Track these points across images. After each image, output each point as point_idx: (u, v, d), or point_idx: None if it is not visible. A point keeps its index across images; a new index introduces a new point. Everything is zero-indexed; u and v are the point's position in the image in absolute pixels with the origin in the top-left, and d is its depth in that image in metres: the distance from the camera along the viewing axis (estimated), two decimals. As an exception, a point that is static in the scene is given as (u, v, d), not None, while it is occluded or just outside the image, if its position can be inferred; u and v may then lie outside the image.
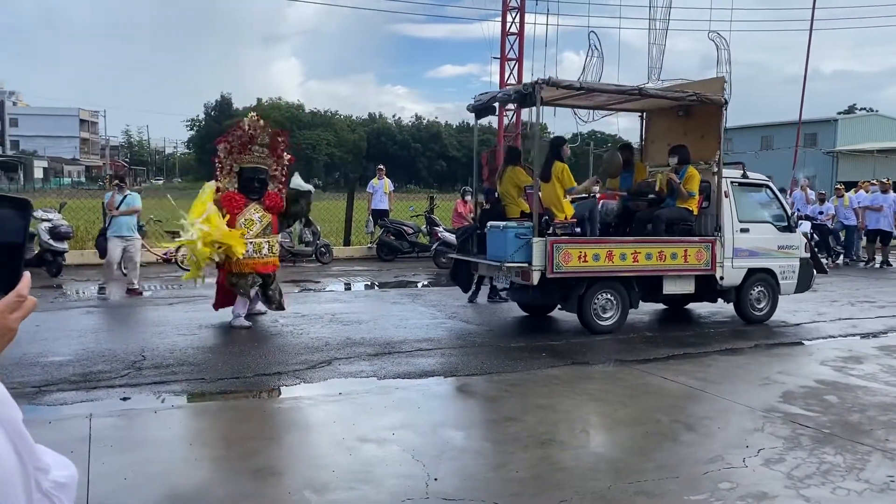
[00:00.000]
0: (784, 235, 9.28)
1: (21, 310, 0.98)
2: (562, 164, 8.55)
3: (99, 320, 8.89)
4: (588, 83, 8.81)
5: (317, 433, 4.97)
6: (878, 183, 18.25)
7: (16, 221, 0.98)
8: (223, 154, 8.31)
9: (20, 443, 0.90)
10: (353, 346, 7.31)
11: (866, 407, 5.53)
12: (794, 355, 7.44)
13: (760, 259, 9.09)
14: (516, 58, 21.04)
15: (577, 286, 8.11)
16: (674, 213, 8.72)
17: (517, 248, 7.89)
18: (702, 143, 9.23)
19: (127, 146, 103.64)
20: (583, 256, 7.97)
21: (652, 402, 5.70)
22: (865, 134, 47.98)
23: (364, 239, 17.60)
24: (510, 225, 8.27)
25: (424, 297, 11.01)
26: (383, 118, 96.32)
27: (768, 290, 9.19)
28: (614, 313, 8.30)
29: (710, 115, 9.09)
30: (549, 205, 8.41)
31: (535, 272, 7.80)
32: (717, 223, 8.74)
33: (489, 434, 5.04)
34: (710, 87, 9.06)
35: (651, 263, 8.30)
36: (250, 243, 8.06)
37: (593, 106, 10.22)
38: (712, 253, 8.56)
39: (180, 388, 5.83)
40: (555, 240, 7.94)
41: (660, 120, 10.31)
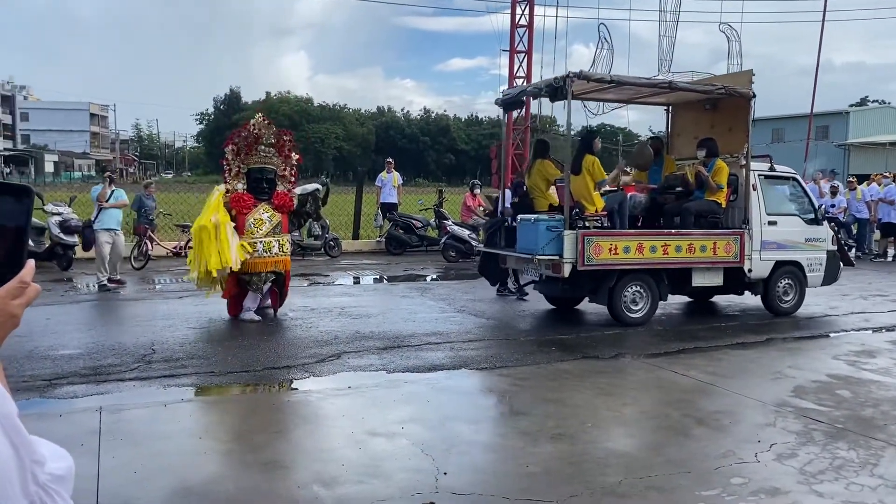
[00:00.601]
0: (811, 228, 9.32)
1: (24, 296, 0.97)
2: (592, 157, 8.61)
3: (109, 313, 8.92)
4: (619, 77, 8.83)
5: (326, 427, 4.96)
6: (892, 175, 18.09)
7: (17, 205, 0.97)
8: (230, 156, 8.34)
9: (16, 437, 0.89)
10: (362, 340, 7.30)
11: (880, 401, 5.48)
12: (806, 349, 7.38)
13: (788, 251, 9.12)
14: (525, 50, 20.93)
15: (607, 279, 8.17)
16: (702, 205, 8.75)
17: (548, 240, 7.95)
18: (729, 136, 9.27)
19: (137, 140, 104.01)
20: (613, 249, 8.02)
21: (662, 396, 5.67)
22: (878, 126, 47.54)
23: (373, 233, 17.60)
24: (541, 218, 8.35)
25: (433, 290, 11.00)
26: (392, 112, 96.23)
27: (795, 283, 9.23)
28: (644, 305, 8.36)
29: (738, 109, 9.14)
30: (580, 197, 8.44)
31: (566, 265, 7.86)
32: (745, 216, 8.77)
33: (499, 428, 5.02)
34: (739, 80, 9.12)
35: (681, 256, 8.35)
36: (260, 242, 8.11)
37: (620, 99, 10.26)
38: (741, 245, 8.60)
39: (190, 381, 5.83)
40: (586, 232, 7.99)
41: (686, 113, 10.35)
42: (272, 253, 8.22)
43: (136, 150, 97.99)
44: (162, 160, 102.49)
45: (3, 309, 0.95)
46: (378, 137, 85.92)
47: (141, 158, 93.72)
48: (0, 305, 0.95)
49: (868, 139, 43.64)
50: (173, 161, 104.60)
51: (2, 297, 0.95)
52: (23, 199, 0.97)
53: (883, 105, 58.39)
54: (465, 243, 15.02)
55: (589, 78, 8.31)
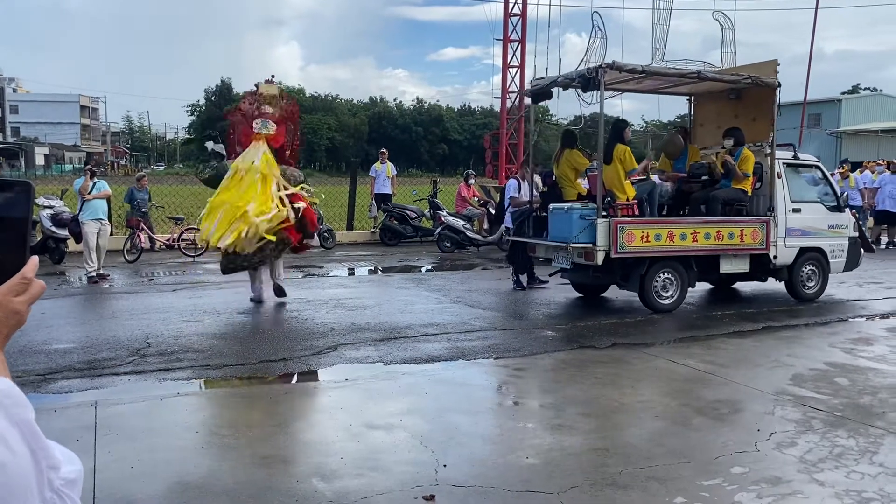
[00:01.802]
0: (834, 215, 9.51)
1: (27, 293, 0.95)
2: (623, 147, 8.72)
3: (103, 307, 8.85)
4: (649, 67, 8.92)
5: (324, 420, 4.94)
6: (885, 163, 18.12)
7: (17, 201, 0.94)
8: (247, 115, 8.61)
9: (34, 442, 0.88)
10: (359, 332, 7.26)
11: (878, 389, 5.48)
12: (803, 337, 7.38)
13: (811, 238, 9.31)
14: (519, 39, 20.84)
15: (638, 266, 8.33)
16: (729, 193, 8.89)
17: (582, 229, 8.11)
18: (754, 125, 9.42)
19: (128, 132, 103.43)
20: (645, 237, 8.19)
21: (661, 385, 5.67)
22: (869, 114, 47.62)
23: (367, 223, 17.54)
24: (575, 206, 8.49)
25: (429, 281, 10.96)
26: (384, 102, 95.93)
27: (818, 269, 9.42)
28: (674, 292, 8.52)
29: (763, 98, 9.28)
30: (611, 186, 8.57)
31: (599, 252, 8.01)
32: (771, 203, 8.94)
33: (498, 419, 5.00)
34: (764, 69, 9.21)
35: (709, 243, 8.51)
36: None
37: (645, 89, 10.31)
38: (767, 232, 8.79)
39: (185, 375, 5.79)
40: (619, 221, 8.13)
41: (708, 103, 10.48)
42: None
43: (127, 143, 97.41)
44: (154, 152, 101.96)
45: (6, 306, 0.93)
46: (370, 128, 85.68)
47: (132, 151, 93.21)
48: (2, 302, 0.92)
49: (860, 127, 43.69)
50: (165, 153, 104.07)
51: (4, 293, 0.93)
52: (23, 194, 0.95)
53: (874, 93, 58.51)
54: (459, 234, 14.98)
55: (621, 68, 8.38)
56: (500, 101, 21.09)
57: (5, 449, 0.83)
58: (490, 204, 15.76)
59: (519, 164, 20.77)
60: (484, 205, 15.70)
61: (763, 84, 8.96)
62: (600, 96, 8.39)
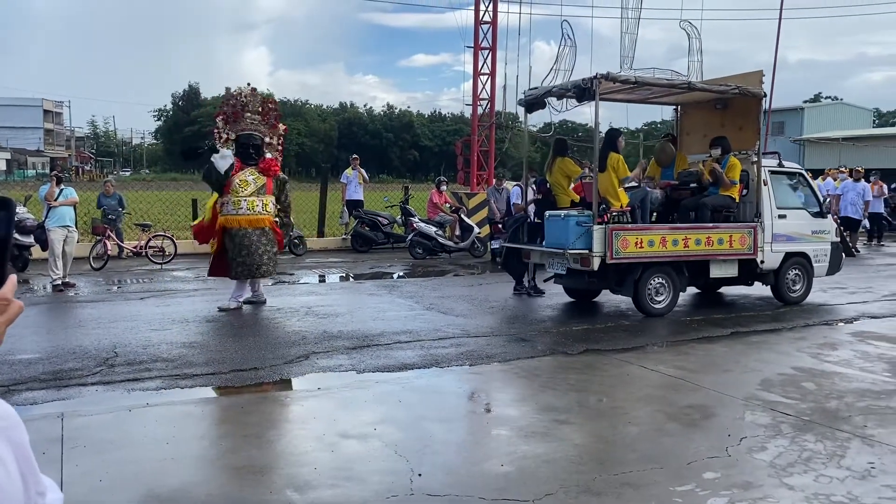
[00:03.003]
0: (817, 221, 9.85)
1: (5, 314, 0.92)
2: (617, 155, 8.95)
3: (69, 316, 8.68)
4: (642, 78, 9.09)
5: (297, 429, 4.89)
6: (847, 171, 18.54)
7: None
8: (221, 124, 9.06)
9: (26, 467, 0.86)
10: (331, 340, 7.21)
11: (843, 393, 5.58)
12: (771, 343, 7.50)
13: (796, 243, 9.61)
14: (490, 47, 20.93)
15: (632, 271, 8.53)
16: (718, 200, 9.16)
17: (578, 235, 8.31)
18: (740, 134, 9.71)
19: (93, 137, 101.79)
20: (639, 243, 8.40)
21: (633, 391, 5.71)
22: (831, 122, 48.69)
23: (338, 230, 17.45)
24: (571, 213, 8.66)
25: (401, 288, 10.94)
26: (354, 107, 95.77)
27: (803, 273, 9.72)
28: (667, 296, 8.76)
29: (749, 107, 9.59)
30: (605, 194, 8.78)
31: (595, 258, 8.20)
32: (757, 210, 9.23)
33: (472, 427, 4.99)
34: (750, 80, 9.49)
35: (700, 249, 8.77)
36: (244, 201, 8.81)
37: (634, 99, 10.57)
38: (754, 238, 9.05)
39: (155, 385, 5.70)
40: (614, 227, 8.35)
41: (695, 113, 10.76)
42: (255, 211, 8.87)
43: (92, 148, 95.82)
44: (119, 157, 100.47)
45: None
46: (340, 133, 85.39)
47: (97, 156, 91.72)
48: None
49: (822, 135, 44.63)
50: (131, 158, 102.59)
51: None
52: (4, 212, 0.92)
53: (835, 101, 59.85)
54: (431, 240, 14.98)
55: (616, 79, 8.62)
56: (471, 107, 21.15)
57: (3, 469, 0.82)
58: (462, 210, 15.79)
59: (491, 171, 20.88)
60: (455, 211, 15.72)
61: (749, 94, 9.25)
62: (595, 106, 8.60)
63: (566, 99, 9.31)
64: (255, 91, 9.23)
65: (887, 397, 5.47)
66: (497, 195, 15.29)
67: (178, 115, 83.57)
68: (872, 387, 5.76)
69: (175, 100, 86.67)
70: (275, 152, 9.25)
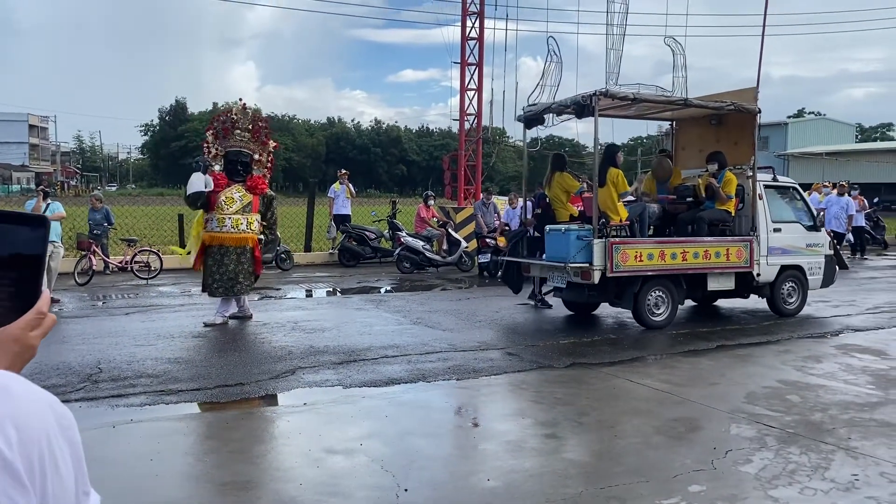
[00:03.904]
0: (811, 234, 10.03)
1: (41, 327, 0.98)
2: (616, 170, 9.12)
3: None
4: (640, 94, 9.22)
5: (282, 445, 4.86)
6: (831, 185, 18.75)
7: (33, 234, 0.97)
8: (210, 139, 9.06)
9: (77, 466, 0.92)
10: (317, 355, 7.19)
11: (828, 406, 5.62)
12: (756, 356, 7.54)
13: (791, 256, 9.78)
14: (476, 63, 21.07)
15: (632, 284, 8.65)
16: (714, 214, 9.33)
17: (579, 249, 8.43)
18: (735, 149, 9.91)
19: (79, 152, 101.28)
20: (639, 256, 8.54)
21: (619, 405, 5.72)
22: (814, 137, 49.31)
23: (325, 244, 17.43)
24: (571, 227, 8.79)
25: (388, 302, 10.92)
26: (342, 122, 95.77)
27: (798, 286, 9.86)
28: (665, 309, 8.88)
29: (744, 123, 9.78)
30: (605, 208, 8.93)
31: (595, 272, 8.35)
32: (753, 223, 9.39)
33: (458, 441, 4.99)
34: (744, 96, 9.68)
35: (698, 262, 8.93)
36: (229, 219, 8.78)
37: (632, 115, 10.77)
38: (750, 251, 9.21)
39: (139, 401, 5.65)
40: (614, 241, 8.49)
41: (690, 128, 10.96)
42: (239, 229, 8.84)
43: (77, 163, 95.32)
44: (105, 172, 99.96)
45: (24, 341, 0.95)
46: (328, 148, 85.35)
47: (83, 171, 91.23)
48: (20, 337, 0.95)
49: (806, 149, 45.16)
50: (117, 173, 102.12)
51: (22, 329, 0.95)
52: (39, 228, 0.97)
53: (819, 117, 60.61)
54: (419, 254, 14.99)
55: (614, 96, 8.80)
56: (458, 122, 21.24)
57: (64, 467, 0.89)
58: (449, 225, 15.82)
59: (478, 186, 20.94)
60: (443, 225, 15.74)
61: (744, 110, 9.44)
62: (595, 122, 8.73)
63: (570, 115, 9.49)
64: (246, 108, 9.21)
65: (871, 409, 5.52)
66: (484, 209, 15.36)
67: (165, 129, 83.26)
68: (856, 399, 5.81)
69: (162, 114, 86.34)
70: (263, 169, 9.21)
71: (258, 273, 9.17)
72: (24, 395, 0.89)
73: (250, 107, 9.37)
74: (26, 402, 0.88)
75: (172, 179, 65.80)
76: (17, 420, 0.86)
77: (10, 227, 0.95)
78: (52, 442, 0.88)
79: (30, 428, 0.86)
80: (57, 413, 0.91)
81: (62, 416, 0.92)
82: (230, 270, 8.78)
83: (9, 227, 0.95)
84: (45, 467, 0.86)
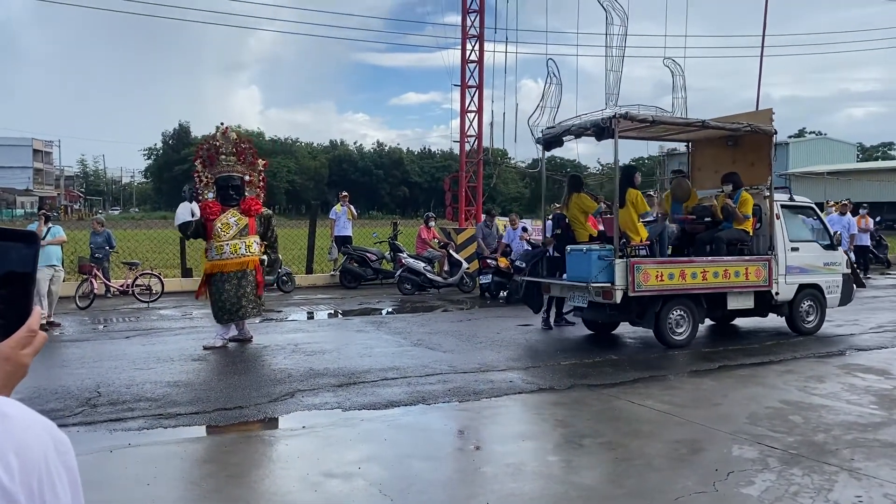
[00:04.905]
0: (828, 253, 10.11)
1: (32, 346, 0.97)
2: (635, 191, 9.24)
3: (52, 355, 8.58)
4: (659, 117, 9.38)
5: (280, 469, 4.82)
6: (835, 205, 18.74)
7: (24, 251, 0.96)
8: (200, 168, 9.07)
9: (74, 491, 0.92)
10: (317, 377, 7.16)
11: (830, 426, 5.57)
12: (758, 376, 7.49)
13: (809, 275, 9.85)
14: (476, 85, 21.19)
15: (653, 304, 8.70)
16: (732, 234, 9.43)
17: (601, 269, 8.49)
18: (752, 169, 10.03)
19: (82, 176, 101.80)
20: (660, 276, 8.61)
21: (621, 426, 5.68)
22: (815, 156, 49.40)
23: (327, 266, 17.42)
24: (593, 247, 8.88)
25: (389, 324, 10.89)
26: (345, 145, 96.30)
27: (816, 304, 9.93)
28: (686, 328, 8.93)
29: (760, 144, 9.90)
30: (626, 228, 9.04)
31: (617, 291, 8.40)
32: (771, 243, 9.48)
33: (458, 464, 4.94)
34: (760, 118, 9.86)
35: (718, 281, 8.99)
36: (227, 245, 8.78)
37: (648, 137, 10.94)
38: (769, 270, 9.29)
39: (137, 425, 5.62)
40: (635, 260, 8.56)
41: (706, 149, 11.09)
42: (238, 254, 8.83)
43: (81, 187, 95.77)
44: (109, 196, 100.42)
45: (15, 359, 0.94)
46: (331, 171, 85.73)
47: (86, 195, 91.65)
48: (11, 356, 0.94)
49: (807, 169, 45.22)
50: (120, 197, 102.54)
51: (13, 347, 0.94)
52: (30, 245, 0.97)
53: (819, 136, 60.80)
54: (420, 276, 14.97)
55: (634, 118, 8.90)
56: (459, 144, 21.33)
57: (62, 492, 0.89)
58: (450, 246, 15.82)
59: (479, 207, 20.97)
60: (444, 247, 15.74)
61: (761, 131, 9.57)
62: (615, 144, 8.87)
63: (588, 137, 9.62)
64: (227, 132, 9.20)
65: (874, 430, 5.47)
66: (487, 231, 15.34)
67: (169, 153, 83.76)
68: (859, 419, 5.75)
69: (165, 138, 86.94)
70: (256, 189, 9.21)
71: (259, 294, 9.12)
72: (22, 422, 0.88)
73: (238, 129, 9.44)
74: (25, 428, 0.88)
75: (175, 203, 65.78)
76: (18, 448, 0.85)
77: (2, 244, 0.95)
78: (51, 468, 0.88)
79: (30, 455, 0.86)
80: (55, 439, 0.91)
81: (60, 442, 0.92)
82: (232, 296, 8.79)
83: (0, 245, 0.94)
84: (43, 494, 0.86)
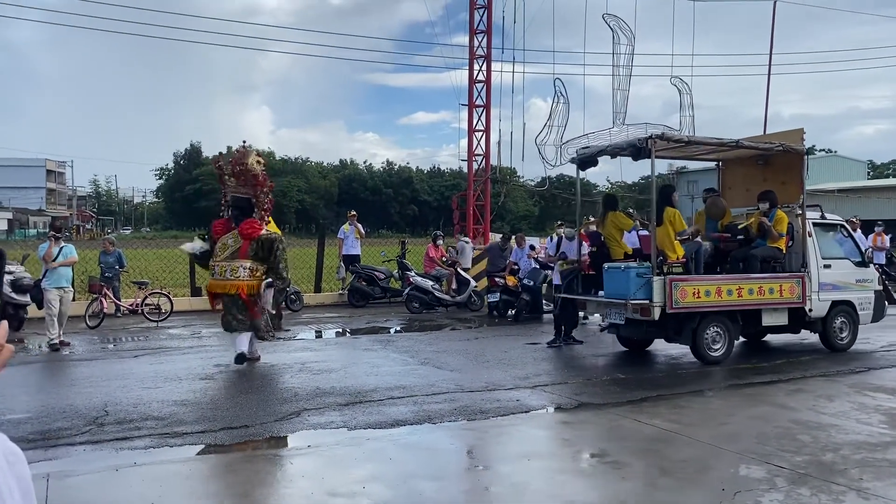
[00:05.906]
0: (860, 270, 10.23)
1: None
2: (673, 210, 9.38)
3: (61, 375, 8.63)
4: (693, 137, 9.56)
5: (284, 488, 4.82)
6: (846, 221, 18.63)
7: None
8: (221, 187, 9.33)
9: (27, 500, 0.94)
10: (323, 396, 7.16)
11: (839, 446, 5.52)
12: (766, 394, 7.44)
13: (842, 292, 9.97)
14: (484, 105, 21.33)
15: (690, 320, 8.79)
16: (766, 251, 9.55)
17: (639, 286, 8.59)
18: (784, 188, 10.14)
19: (95, 196, 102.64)
20: (697, 293, 8.72)
21: (627, 445, 5.64)
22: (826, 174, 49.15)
23: (335, 285, 17.47)
24: (631, 265, 9.00)
25: (396, 343, 10.90)
26: (354, 164, 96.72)
27: (849, 321, 10.04)
28: (723, 345, 9.00)
29: (791, 163, 10.01)
30: (663, 246, 9.14)
31: (655, 308, 8.50)
32: (804, 260, 9.59)
33: (463, 484, 4.92)
34: (791, 137, 9.96)
35: (753, 298, 9.10)
36: (218, 265, 8.87)
37: (679, 156, 11.17)
38: (802, 287, 9.39)
39: (144, 444, 5.64)
40: (673, 278, 8.68)
41: (737, 168, 11.23)
42: (224, 277, 8.85)
43: (93, 207, 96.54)
44: (121, 216, 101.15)
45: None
46: (341, 190, 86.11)
47: (99, 215, 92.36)
48: None
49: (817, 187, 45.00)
50: (132, 217, 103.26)
51: None
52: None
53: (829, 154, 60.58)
54: (428, 294, 14.98)
55: (669, 139, 9.08)
56: (466, 163, 21.42)
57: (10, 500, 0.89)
58: (458, 264, 15.83)
59: (486, 226, 21.01)
60: (452, 265, 15.76)
61: (792, 150, 9.67)
62: (651, 165, 9.09)
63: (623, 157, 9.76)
64: (223, 155, 9.38)
65: (883, 449, 5.41)
66: (500, 252, 15.13)
67: (180, 173, 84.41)
68: (869, 439, 5.70)
69: (177, 158, 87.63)
70: (261, 211, 9.01)
71: (255, 318, 8.89)
72: None
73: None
74: None
75: (186, 222, 66.40)
76: None
77: None
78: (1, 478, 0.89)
79: None
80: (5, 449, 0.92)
81: (10, 452, 0.92)
82: (227, 312, 9.01)
83: None
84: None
